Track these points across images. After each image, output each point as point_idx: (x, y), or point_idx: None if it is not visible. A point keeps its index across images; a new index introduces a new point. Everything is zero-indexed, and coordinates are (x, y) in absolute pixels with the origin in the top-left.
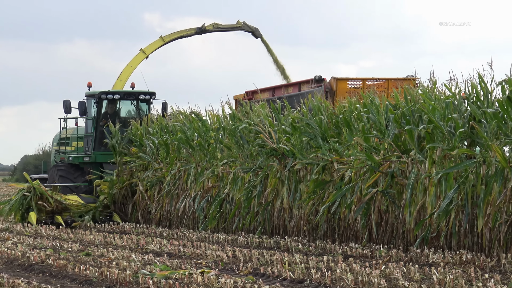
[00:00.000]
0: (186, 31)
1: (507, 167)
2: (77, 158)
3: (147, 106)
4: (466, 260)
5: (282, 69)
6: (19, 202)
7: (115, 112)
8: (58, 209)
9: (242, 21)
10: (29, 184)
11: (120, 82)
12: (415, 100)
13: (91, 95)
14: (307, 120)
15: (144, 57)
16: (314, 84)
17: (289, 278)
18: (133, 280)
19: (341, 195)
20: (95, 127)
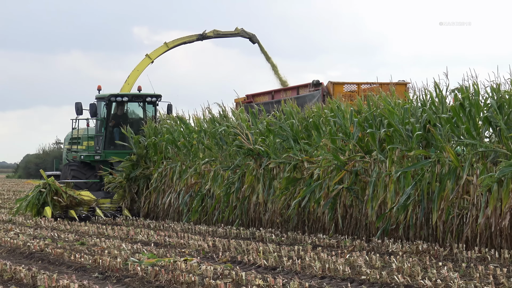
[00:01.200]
0: (188, 38)
1: (459, 166)
2: (89, 157)
3: (153, 108)
4: (422, 249)
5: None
6: (36, 198)
7: (123, 113)
8: (72, 204)
9: (240, 28)
10: (45, 181)
11: (128, 86)
12: (377, 106)
13: (101, 98)
14: (280, 124)
15: (149, 62)
16: (312, 88)
17: (264, 265)
18: (123, 267)
19: (310, 191)
20: (105, 127)
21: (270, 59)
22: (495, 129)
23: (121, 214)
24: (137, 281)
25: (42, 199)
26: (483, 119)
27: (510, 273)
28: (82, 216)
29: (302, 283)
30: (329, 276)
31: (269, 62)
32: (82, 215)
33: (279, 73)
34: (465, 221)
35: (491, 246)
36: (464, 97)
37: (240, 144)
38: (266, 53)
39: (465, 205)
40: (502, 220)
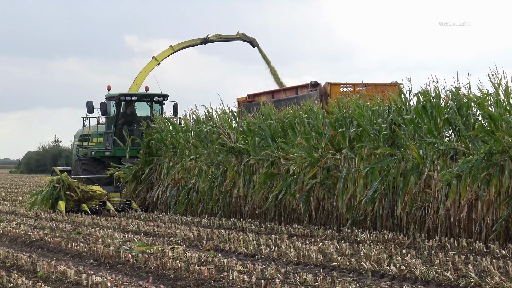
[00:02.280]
0: (192, 41)
1: (421, 163)
2: (99, 153)
3: (160, 107)
4: (388, 238)
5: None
6: (50, 193)
7: (132, 112)
8: (84, 198)
9: (241, 32)
10: (58, 176)
11: (136, 86)
12: (347, 108)
13: (111, 97)
14: (260, 124)
15: (156, 63)
16: (310, 88)
17: (244, 253)
18: (116, 254)
19: (286, 185)
20: (115, 125)
21: (269, 62)
22: (454, 129)
23: (130, 208)
24: (128, 267)
25: (55, 193)
26: (443, 120)
27: (467, 260)
28: (94, 210)
29: (278, 269)
30: (303, 262)
31: (268, 65)
32: (94, 208)
33: (277, 75)
34: (427, 213)
35: (450, 236)
36: (426, 100)
37: (223, 143)
38: (266, 57)
39: (427, 198)
40: (461, 212)
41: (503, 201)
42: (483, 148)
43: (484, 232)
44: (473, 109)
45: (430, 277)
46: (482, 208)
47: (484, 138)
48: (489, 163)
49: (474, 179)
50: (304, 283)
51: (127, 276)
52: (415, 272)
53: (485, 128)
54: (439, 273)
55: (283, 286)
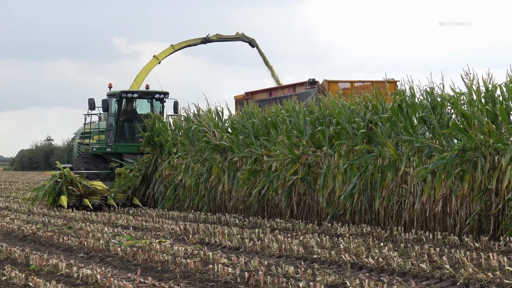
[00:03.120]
0: (193, 41)
1: (398, 160)
2: (100, 149)
3: (160, 104)
4: (366, 232)
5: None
6: (52, 188)
7: (133, 109)
8: (86, 193)
9: (241, 33)
10: (61, 172)
11: (136, 84)
12: (327, 107)
13: (113, 94)
14: (243, 122)
15: (157, 62)
16: (308, 86)
17: (228, 246)
18: (105, 247)
19: (269, 181)
20: (116, 122)
21: (268, 62)
22: (429, 127)
23: (132, 203)
24: (117, 260)
25: (58, 188)
26: (418, 118)
27: (442, 252)
28: (95, 205)
29: (261, 261)
30: (285, 255)
31: (267, 65)
32: (96, 204)
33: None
34: (404, 207)
35: (426, 229)
36: (401, 99)
37: (208, 140)
38: (264, 56)
39: (403, 193)
40: (436, 206)
41: (476, 195)
42: (456, 145)
43: (458, 225)
44: (447, 108)
45: (406, 268)
46: (456, 202)
47: (458, 135)
48: (462, 159)
49: (448, 175)
50: (286, 275)
51: (116, 268)
52: (392, 264)
53: (458, 126)
54: (415, 265)
55: (266, 278)
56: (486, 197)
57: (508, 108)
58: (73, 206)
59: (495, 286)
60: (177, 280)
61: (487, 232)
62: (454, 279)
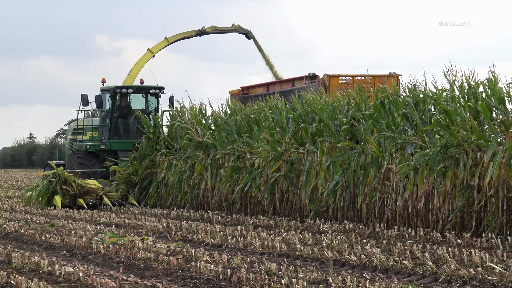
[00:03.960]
0: (187, 33)
1: (380, 156)
2: (94, 146)
3: (156, 100)
4: (349, 228)
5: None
6: (46, 187)
7: (127, 105)
8: (80, 192)
9: (237, 24)
10: (54, 171)
11: (130, 78)
12: (309, 104)
13: (106, 90)
14: (226, 120)
15: (151, 56)
16: (308, 80)
17: (211, 243)
18: (88, 245)
19: (252, 178)
20: (110, 118)
21: (265, 55)
22: (411, 124)
23: (128, 203)
24: (100, 257)
25: (51, 188)
26: (401, 115)
27: (424, 248)
28: (90, 205)
29: (244, 258)
30: (268, 252)
31: (264, 57)
32: (90, 203)
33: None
34: (386, 204)
35: (408, 225)
36: (384, 96)
37: (191, 137)
38: (261, 49)
39: (386, 190)
40: (418, 203)
41: (458, 192)
42: (439, 142)
43: (441, 222)
44: (430, 105)
45: (389, 265)
46: (438, 199)
47: (440, 132)
48: (444, 156)
49: (431, 172)
50: (269, 271)
51: (99, 266)
52: (375, 260)
53: (440, 123)
54: (397, 261)
55: (248, 275)
56: (468, 193)
57: (490, 105)
58: (68, 206)
59: (477, 282)
60: (160, 277)
61: (469, 229)
62: (436, 275)
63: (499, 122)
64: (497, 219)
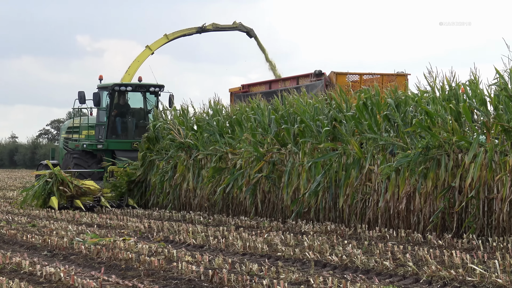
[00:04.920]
0: (188, 30)
1: (362, 157)
2: (91, 146)
3: (155, 98)
4: (330, 229)
5: (273, 67)
6: (42, 188)
7: (125, 103)
8: (78, 193)
9: (238, 22)
10: (51, 170)
11: (128, 76)
12: (291, 105)
13: (104, 87)
14: (208, 120)
15: (150, 53)
16: (314, 78)
17: (193, 244)
18: (69, 245)
19: (233, 179)
20: (108, 117)
21: (267, 54)
22: (393, 125)
23: (126, 204)
24: (81, 258)
25: (48, 188)
26: (383, 117)
27: (405, 249)
28: (88, 206)
29: (225, 259)
30: (250, 253)
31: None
32: (88, 205)
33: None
34: (368, 205)
35: (390, 226)
36: (366, 97)
37: (173, 138)
38: (263, 47)
39: (367, 191)
40: (399, 204)
41: (440, 193)
42: (420, 143)
43: (422, 223)
44: (411, 106)
45: (370, 266)
46: (419, 200)
47: (421, 133)
48: (426, 157)
49: (412, 173)
50: (250, 272)
51: (80, 266)
52: (356, 261)
53: (422, 124)
54: (378, 262)
55: (230, 275)
56: (450, 194)
57: (471, 106)
58: (64, 208)
59: (457, 283)
60: (141, 278)
61: (450, 230)
62: (417, 276)
63: (481, 124)
64: (478, 221)
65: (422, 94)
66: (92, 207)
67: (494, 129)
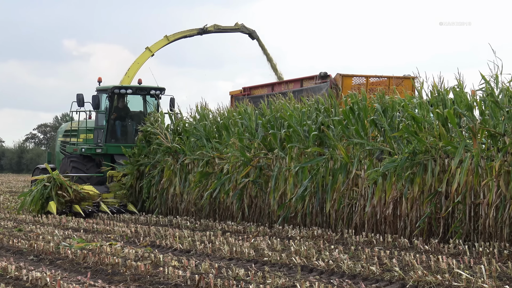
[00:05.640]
0: (189, 31)
1: (349, 162)
2: (90, 150)
3: (156, 101)
4: (317, 234)
5: (275, 69)
6: (40, 192)
7: (124, 106)
8: (77, 198)
9: (240, 23)
10: (49, 175)
11: (128, 78)
12: (278, 110)
13: (103, 90)
14: (195, 125)
15: (150, 55)
16: (319, 80)
17: (179, 249)
18: (56, 250)
19: (220, 184)
20: (107, 120)
21: (270, 56)
22: (380, 130)
23: (126, 210)
24: (67, 263)
25: (46, 193)
26: (370, 121)
27: (392, 254)
28: (87, 212)
29: (212, 264)
30: (236, 258)
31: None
32: (87, 210)
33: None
34: (354, 210)
35: (376, 231)
36: (353, 102)
37: (160, 143)
38: (266, 50)
39: (354, 196)
40: (386, 209)
41: (426, 198)
42: (407, 148)
43: (408, 228)
44: (398, 111)
45: (356, 271)
46: (406, 205)
47: (408, 138)
48: (413, 162)
49: (399, 178)
50: (237, 277)
51: (66, 271)
52: (343, 266)
53: (408, 129)
54: (365, 267)
55: (216, 280)
56: (436, 200)
57: (457, 112)
58: (63, 213)
59: None
60: (127, 282)
61: (437, 235)
62: (404, 281)
63: (467, 129)
64: (464, 226)
65: (409, 99)
66: (91, 213)
67: (480, 134)
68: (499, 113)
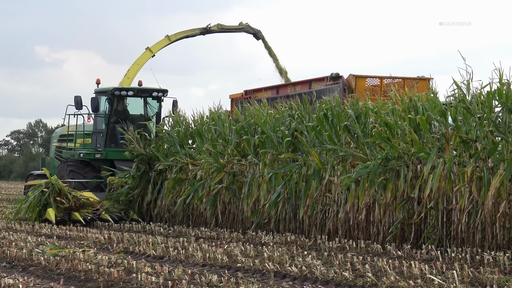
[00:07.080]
0: (191, 31)
1: (322, 168)
2: (88, 155)
3: (158, 104)
4: (290, 240)
5: (282, 70)
6: (37, 199)
7: (124, 109)
8: (76, 205)
9: (245, 23)
10: (47, 180)
11: (127, 80)
12: (252, 116)
13: (102, 92)
14: (168, 131)
15: (150, 55)
16: (330, 82)
17: (152, 255)
18: (28, 257)
19: (194, 190)
20: (107, 124)
21: (276, 57)
22: (353, 136)
23: (128, 218)
24: (40, 269)
25: (44, 200)
26: (343, 127)
27: (365, 260)
28: (87, 220)
29: (185, 270)
30: (209, 264)
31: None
32: (87, 218)
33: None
34: (328, 216)
35: (349, 237)
36: (327, 108)
37: (132, 150)
38: (271, 50)
39: (327, 201)
40: (359, 215)
41: (399, 204)
42: (380, 154)
43: (381, 234)
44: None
45: (329, 277)
46: (379, 211)
47: (381, 144)
48: (385, 168)
49: (372, 184)
50: (210, 283)
51: (39, 278)
52: (316, 272)
53: (381, 135)
54: (338, 273)
55: (189, 286)
56: (409, 205)
57: (430, 118)
58: (62, 221)
59: None
60: None
61: (409, 241)
62: (377, 287)
63: (440, 135)
64: (436, 231)
65: (382, 105)
66: (91, 220)
67: (453, 141)
68: (471, 119)
